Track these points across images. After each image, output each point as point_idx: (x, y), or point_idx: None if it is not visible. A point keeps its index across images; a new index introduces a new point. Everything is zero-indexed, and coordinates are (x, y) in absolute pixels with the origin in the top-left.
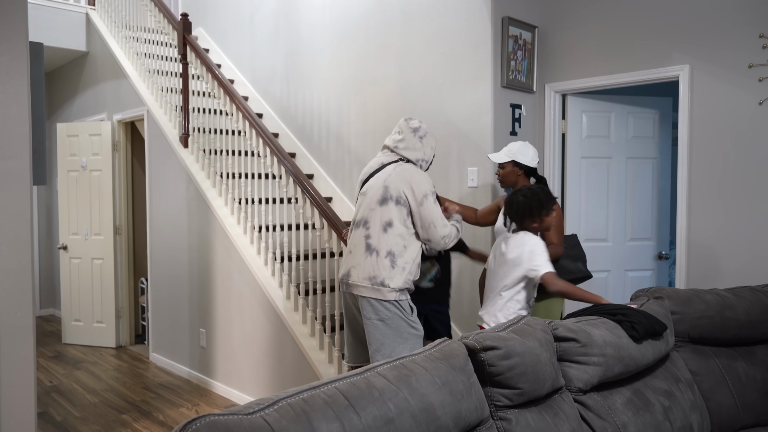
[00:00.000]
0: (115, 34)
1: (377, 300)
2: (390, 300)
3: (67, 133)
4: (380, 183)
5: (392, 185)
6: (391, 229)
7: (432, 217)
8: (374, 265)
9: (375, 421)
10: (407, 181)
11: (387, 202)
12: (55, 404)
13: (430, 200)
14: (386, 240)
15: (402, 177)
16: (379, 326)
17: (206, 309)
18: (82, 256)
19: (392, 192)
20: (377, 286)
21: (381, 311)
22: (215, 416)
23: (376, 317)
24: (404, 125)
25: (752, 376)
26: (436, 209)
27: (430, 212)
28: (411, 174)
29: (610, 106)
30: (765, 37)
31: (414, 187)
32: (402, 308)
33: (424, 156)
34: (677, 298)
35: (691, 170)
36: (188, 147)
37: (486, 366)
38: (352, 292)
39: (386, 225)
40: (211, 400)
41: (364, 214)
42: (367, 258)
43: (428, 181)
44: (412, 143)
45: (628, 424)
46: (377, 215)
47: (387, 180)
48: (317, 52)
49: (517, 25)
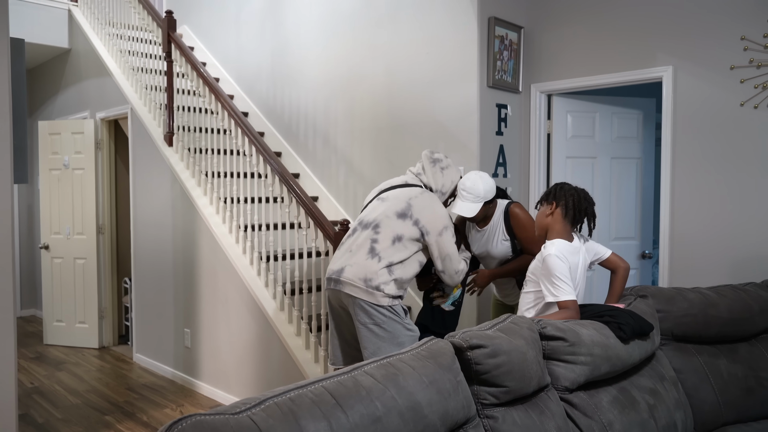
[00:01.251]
0: (98, 31)
1: (370, 304)
2: (383, 305)
3: (48, 131)
4: (405, 198)
5: (416, 206)
6: (399, 244)
7: (449, 249)
8: (372, 269)
9: (362, 420)
10: (432, 209)
11: (406, 218)
12: (37, 406)
13: (449, 233)
14: (391, 251)
15: (428, 204)
16: (375, 330)
17: (191, 309)
18: (64, 256)
19: (414, 212)
20: (371, 289)
21: (375, 316)
22: (201, 416)
23: (371, 322)
24: (426, 157)
25: (734, 374)
26: (452, 243)
27: (448, 245)
28: (435, 204)
29: (595, 106)
30: (746, 39)
31: (437, 218)
32: (396, 312)
33: (443, 188)
34: (661, 297)
35: (674, 170)
36: (173, 146)
37: (473, 364)
38: (343, 290)
39: (396, 238)
40: (195, 400)
41: (377, 218)
42: (367, 260)
43: (448, 215)
44: (432, 173)
45: (614, 422)
46: (391, 226)
47: (413, 200)
48: (304, 51)
49: (503, 26)
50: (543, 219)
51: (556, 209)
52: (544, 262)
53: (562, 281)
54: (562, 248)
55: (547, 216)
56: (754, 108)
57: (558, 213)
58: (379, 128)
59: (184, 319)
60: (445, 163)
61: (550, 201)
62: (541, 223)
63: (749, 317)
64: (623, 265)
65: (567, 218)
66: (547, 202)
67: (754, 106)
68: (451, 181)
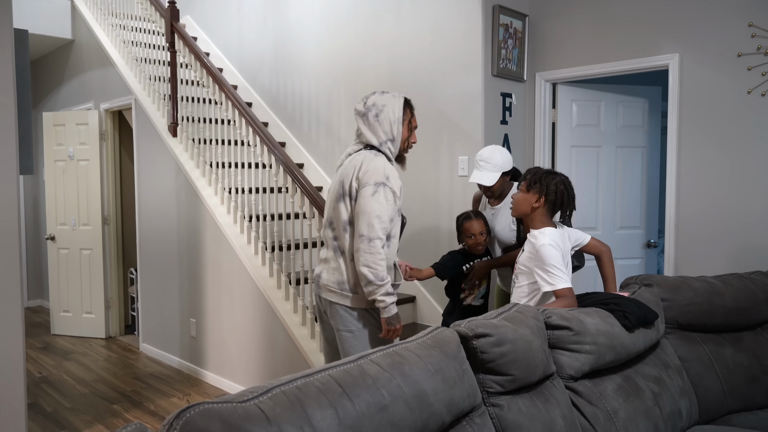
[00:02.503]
0: (101, 22)
1: (345, 308)
2: (359, 308)
3: (53, 122)
4: (338, 178)
5: (346, 179)
6: (352, 229)
7: (362, 207)
8: (343, 269)
9: (369, 408)
10: (355, 169)
11: (344, 198)
12: (45, 395)
13: (368, 189)
14: (350, 241)
15: (353, 166)
16: (348, 339)
17: (196, 299)
18: (70, 247)
19: (346, 186)
20: (346, 292)
21: (349, 322)
22: (209, 404)
23: (345, 328)
24: (356, 113)
25: (739, 362)
26: (370, 201)
27: (363, 201)
28: (362, 162)
29: (600, 95)
30: (754, 26)
31: (361, 175)
32: (372, 317)
33: (388, 134)
34: (666, 286)
35: (680, 159)
36: (177, 136)
37: (478, 353)
38: (321, 294)
39: (346, 225)
40: (202, 389)
41: (328, 213)
42: (338, 260)
43: (380, 169)
44: (367, 128)
45: (618, 410)
46: (338, 214)
47: (342, 173)
48: (306, 41)
49: (507, 14)
50: (526, 206)
51: (544, 200)
52: (538, 252)
53: (557, 269)
54: (554, 236)
55: (533, 205)
56: (762, 95)
57: (543, 206)
58: None
59: (190, 309)
60: (378, 105)
61: (540, 191)
62: (524, 210)
63: (754, 306)
64: (605, 249)
65: (553, 209)
66: (534, 190)
67: (761, 94)
68: (391, 121)
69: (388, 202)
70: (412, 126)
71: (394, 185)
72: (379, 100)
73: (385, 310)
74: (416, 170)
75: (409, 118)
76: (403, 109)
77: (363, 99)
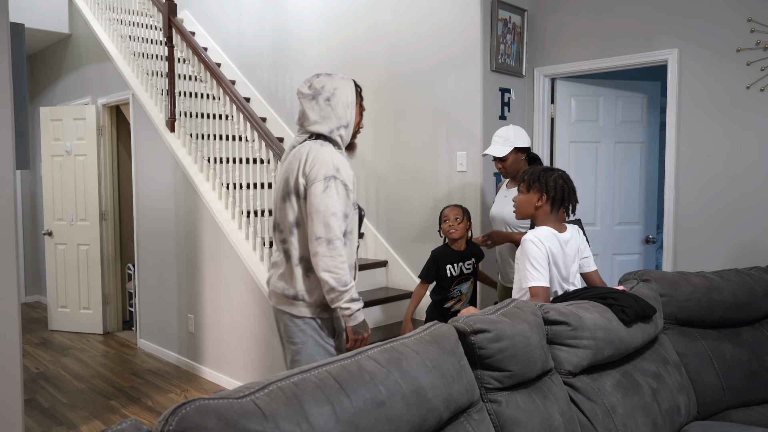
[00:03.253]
0: (98, 16)
1: (290, 316)
2: (305, 317)
3: (50, 117)
4: (282, 174)
5: (291, 174)
6: (299, 230)
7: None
8: (290, 275)
9: (366, 404)
10: (301, 163)
11: (289, 197)
12: (42, 391)
13: (319, 186)
14: (297, 243)
15: (298, 160)
16: (291, 351)
17: (194, 294)
18: (67, 242)
19: (291, 183)
20: (291, 299)
21: (294, 333)
22: (205, 400)
23: (288, 340)
24: (301, 95)
25: (737, 358)
26: (323, 198)
27: (315, 200)
28: (307, 154)
29: (599, 90)
30: (753, 21)
31: (308, 170)
32: (320, 328)
33: (341, 120)
34: (665, 281)
35: (679, 154)
36: (175, 131)
37: (476, 349)
38: (270, 301)
39: (292, 227)
40: (200, 385)
41: (275, 215)
42: (286, 264)
43: (329, 161)
44: (316, 111)
45: (617, 406)
46: (284, 215)
47: (287, 169)
48: (305, 36)
49: (506, 9)
50: (529, 208)
51: (546, 200)
52: (520, 247)
53: (533, 267)
54: (541, 234)
55: (535, 206)
56: (761, 90)
57: (547, 203)
58: (381, 113)
59: (188, 305)
60: (328, 88)
61: (541, 189)
62: (528, 211)
63: (753, 301)
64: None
65: (555, 207)
66: (534, 190)
67: (760, 89)
68: (345, 105)
69: (341, 197)
70: (362, 110)
71: (345, 177)
72: (328, 82)
73: (351, 318)
74: (415, 165)
75: (360, 101)
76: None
77: (308, 81)
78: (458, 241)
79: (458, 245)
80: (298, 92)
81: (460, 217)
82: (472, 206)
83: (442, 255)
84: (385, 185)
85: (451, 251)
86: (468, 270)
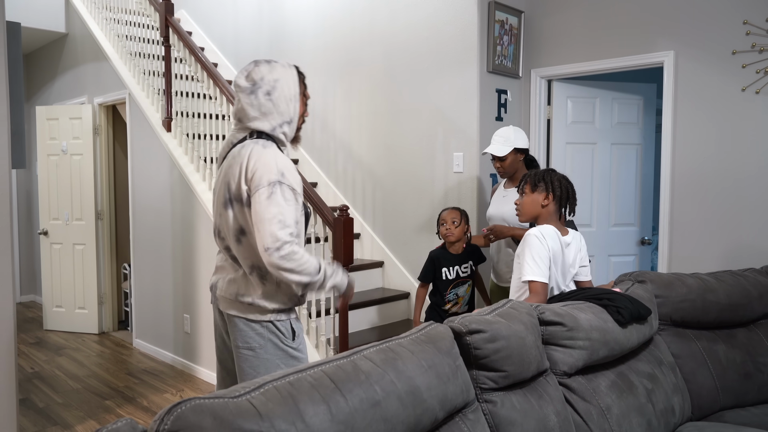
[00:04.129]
0: (95, 16)
1: (246, 321)
2: (262, 321)
3: (46, 116)
4: (222, 177)
5: (232, 179)
6: (246, 239)
7: (260, 215)
8: (244, 283)
9: (362, 404)
10: (242, 168)
11: (231, 204)
12: (37, 391)
13: (263, 193)
14: (245, 252)
15: (239, 164)
16: (248, 357)
17: (190, 294)
18: (63, 242)
19: (233, 188)
20: (246, 303)
21: (251, 338)
22: (201, 400)
23: (244, 345)
24: (238, 87)
25: (732, 359)
26: (268, 206)
27: (260, 208)
28: (248, 157)
29: (595, 92)
30: (749, 23)
31: (250, 175)
32: (279, 331)
33: (284, 116)
34: (660, 282)
35: (675, 156)
36: (171, 131)
37: (472, 349)
38: (219, 306)
39: (238, 234)
40: (195, 385)
41: (216, 222)
42: (236, 271)
43: (273, 166)
44: (255, 107)
45: (612, 407)
46: (226, 222)
47: (227, 173)
48: (301, 36)
49: (503, 10)
50: (536, 207)
51: (552, 199)
52: (523, 241)
53: (534, 261)
54: (545, 231)
55: (542, 204)
56: (756, 93)
57: (553, 203)
58: (378, 113)
59: (184, 305)
60: (268, 80)
61: (547, 189)
62: (533, 211)
63: (748, 303)
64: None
65: (559, 207)
66: (540, 189)
67: (755, 91)
68: (287, 98)
69: (288, 202)
70: (306, 98)
71: (291, 181)
72: (268, 73)
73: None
74: (411, 166)
75: (303, 90)
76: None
77: (245, 70)
78: (455, 245)
79: (455, 248)
80: (234, 84)
81: (458, 220)
82: (468, 207)
83: (439, 257)
84: (382, 186)
85: (448, 254)
86: (465, 273)
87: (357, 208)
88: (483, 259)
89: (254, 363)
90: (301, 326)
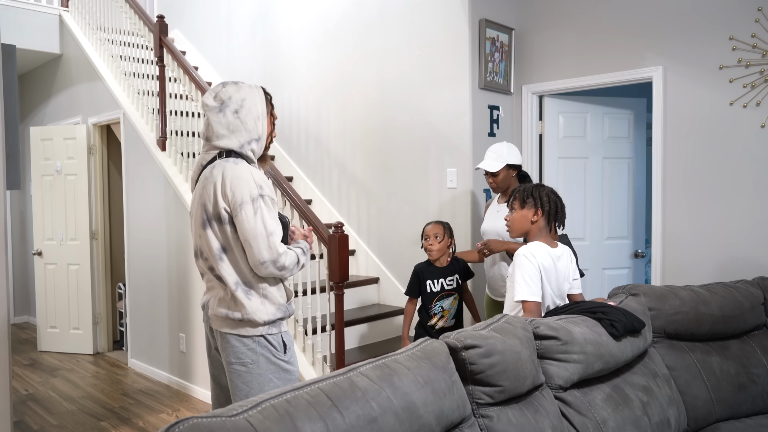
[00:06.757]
0: (89, 36)
1: (238, 337)
2: (254, 335)
3: (40, 136)
4: (197, 199)
5: (208, 200)
6: (227, 256)
7: (252, 231)
8: (231, 300)
9: (358, 421)
10: (216, 187)
11: (210, 224)
12: (32, 413)
13: (248, 209)
14: (229, 269)
15: (213, 184)
16: (240, 372)
17: (185, 313)
18: (57, 262)
19: (210, 209)
20: (237, 319)
21: (243, 353)
22: (198, 419)
23: (237, 361)
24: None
25: (726, 370)
26: (257, 222)
27: (249, 225)
28: (222, 176)
29: (586, 107)
30: (735, 39)
31: (230, 194)
32: (270, 345)
33: (252, 134)
34: (653, 295)
35: (666, 170)
36: (166, 150)
37: (467, 364)
38: (211, 324)
39: (220, 253)
40: (191, 405)
41: (196, 243)
42: (224, 288)
43: (251, 180)
44: (223, 125)
45: (607, 420)
46: (207, 243)
47: (202, 194)
48: (295, 54)
49: (494, 27)
50: (526, 224)
51: (541, 214)
52: (513, 262)
53: (524, 281)
54: (534, 249)
55: (531, 220)
56: (743, 107)
57: (542, 218)
58: (372, 130)
59: (179, 324)
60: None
61: (536, 204)
62: (523, 227)
63: (740, 314)
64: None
65: (549, 222)
66: (529, 205)
67: (743, 105)
68: (255, 117)
69: (272, 213)
70: (273, 119)
71: (268, 191)
72: (235, 93)
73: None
74: (405, 182)
75: (270, 110)
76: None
77: (212, 91)
78: (439, 259)
79: (440, 262)
80: (203, 104)
81: (440, 234)
82: (462, 222)
83: (423, 270)
84: (376, 202)
85: (432, 267)
86: (450, 286)
87: (352, 224)
88: (471, 274)
89: (247, 378)
90: (291, 338)
